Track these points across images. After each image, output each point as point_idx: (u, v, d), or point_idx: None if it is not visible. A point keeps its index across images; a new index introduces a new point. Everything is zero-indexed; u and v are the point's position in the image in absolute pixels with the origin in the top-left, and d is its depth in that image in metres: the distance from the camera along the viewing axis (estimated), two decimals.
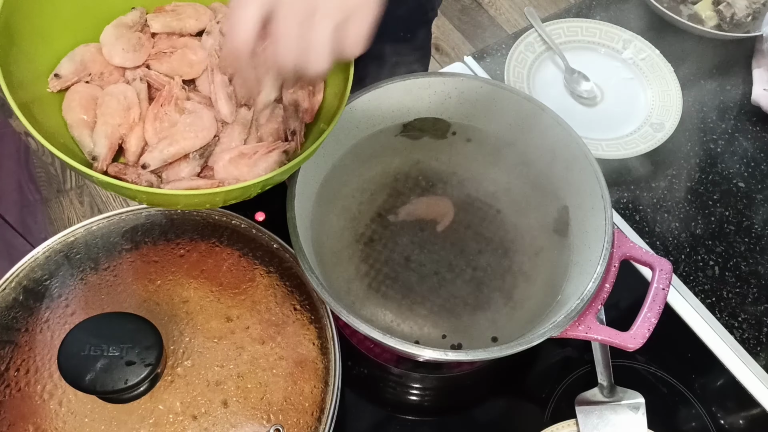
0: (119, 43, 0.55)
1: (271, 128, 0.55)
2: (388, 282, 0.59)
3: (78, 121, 0.52)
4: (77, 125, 0.52)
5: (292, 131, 0.54)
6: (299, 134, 0.54)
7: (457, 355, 0.49)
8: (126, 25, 0.56)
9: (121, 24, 0.55)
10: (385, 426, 0.61)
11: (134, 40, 0.55)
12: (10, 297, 0.52)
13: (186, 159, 0.53)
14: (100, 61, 0.55)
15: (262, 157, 0.52)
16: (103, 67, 0.55)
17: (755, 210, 0.77)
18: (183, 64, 0.56)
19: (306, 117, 0.55)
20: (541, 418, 0.61)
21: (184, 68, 0.56)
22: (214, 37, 0.57)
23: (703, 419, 0.62)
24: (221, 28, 0.57)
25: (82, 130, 0.52)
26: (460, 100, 0.64)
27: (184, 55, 0.56)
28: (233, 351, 0.50)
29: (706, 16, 0.91)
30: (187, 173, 0.52)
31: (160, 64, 0.56)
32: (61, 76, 0.52)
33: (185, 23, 0.57)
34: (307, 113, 0.55)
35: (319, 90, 0.56)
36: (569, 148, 0.60)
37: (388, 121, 0.65)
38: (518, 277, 0.60)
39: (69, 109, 0.52)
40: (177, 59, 0.56)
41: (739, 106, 0.86)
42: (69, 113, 0.52)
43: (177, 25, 0.57)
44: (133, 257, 0.54)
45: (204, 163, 0.53)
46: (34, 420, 0.46)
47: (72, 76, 0.53)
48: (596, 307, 0.54)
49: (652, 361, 0.65)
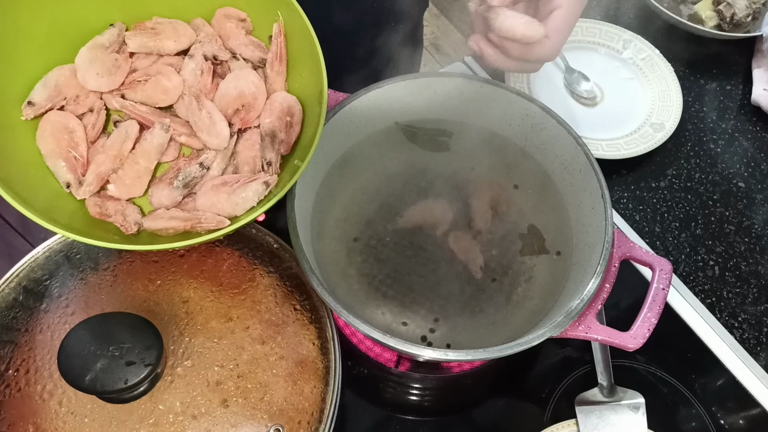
0: (93, 67, 0.53)
1: (248, 156, 0.54)
2: (388, 282, 0.59)
3: (51, 152, 0.50)
4: (51, 155, 0.50)
5: (267, 162, 0.53)
6: (275, 165, 0.53)
7: (457, 355, 0.49)
8: (102, 46, 0.54)
9: (97, 45, 0.53)
10: (385, 426, 0.61)
11: (110, 63, 0.53)
12: (10, 297, 0.52)
13: (170, 185, 0.51)
14: (75, 84, 0.53)
15: (242, 186, 0.51)
16: (78, 90, 0.53)
17: (755, 210, 0.77)
18: (157, 92, 0.54)
19: (282, 149, 0.54)
20: (541, 418, 0.61)
21: (158, 95, 0.54)
22: (196, 61, 0.55)
23: (703, 419, 0.62)
24: (204, 51, 0.56)
25: (56, 160, 0.50)
26: (460, 100, 0.64)
27: (158, 82, 0.54)
28: (233, 351, 0.50)
29: (706, 16, 0.91)
30: (169, 201, 0.51)
31: (135, 92, 0.54)
32: (35, 103, 0.51)
33: (163, 44, 0.55)
34: (283, 145, 0.54)
35: (297, 122, 0.55)
36: (569, 148, 0.60)
37: (387, 120, 0.65)
38: (518, 277, 0.60)
39: (42, 138, 0.51)
40: (151, 87, 0.54)
41: (739, 106, 0.86)
42: (42, 143, 0.51)
43: (154, 46, 0.55)
44: (133, 257, 0.54)
45: (188, 192, 0.52)
46: (34, 420, 0.46)
47: (46, 103, 0.51)
48: (596, 307, 0.54)
49: (652, 361, 0.65)
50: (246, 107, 0.55)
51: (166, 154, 0.54)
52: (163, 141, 0.53)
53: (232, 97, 0.55)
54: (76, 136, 0.52)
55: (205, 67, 0.55)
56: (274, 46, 0.56)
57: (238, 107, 0.55)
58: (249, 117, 0.55)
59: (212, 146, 0.54)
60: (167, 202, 0.51)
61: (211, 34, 0.57)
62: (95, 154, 0.52)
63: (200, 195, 0.52)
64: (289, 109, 0.55)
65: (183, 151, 0.55)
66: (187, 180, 0.52)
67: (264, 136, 0.54)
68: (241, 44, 0.57)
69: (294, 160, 0.53)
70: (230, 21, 0.57)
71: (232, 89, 0.55)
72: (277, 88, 0.56)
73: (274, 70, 0.56)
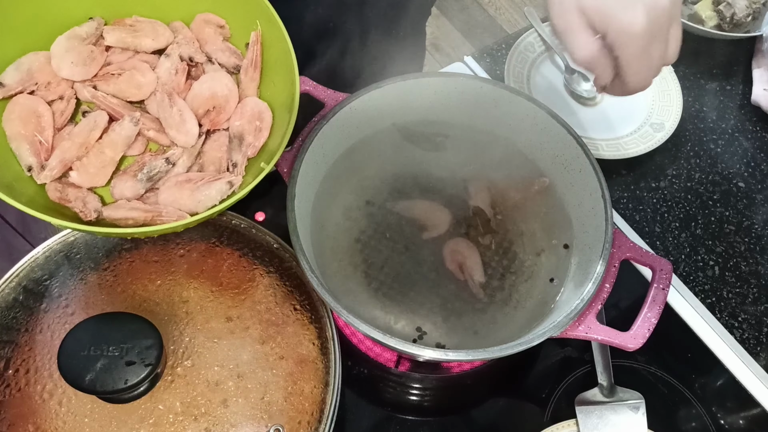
0: (69, 56, 0.53)
1: (214, 157, 0.55)
2: (388, 282, 0.59)
3: (16, 134, 0.50)
4: (15, 138, 0.50)
5: (233, 163, 0.54)
6: (240, 167, 0.54)
7: (457, 355, 0.49)
8: (79, 36, 0.54)
9: (74, 36, 0.54)
10: (385, 426, 0.61)
11: (85, 54, 0.54)
12: (10, 297, 0.52)
13: (134, 177, 0.52)
14: (48, 71, 0.53)
15: (206, 184, 0.51)
16: (51, 77, 0.53)
17: (755, 210, 0.77)
18: (130, 86, 0.55)
19: (249, 152, 0.55)
20: (541, 418, 0.61)
21: (131, 90, 0.55)
22: (172, 61, 0.56)
23: (703, 419, 0.62)
24: (180, 52, 0.56)
25: (21, 143, 0.50)
26: (460, 100, 0.64)
27: (131, 77, 0.55)
28: (233, 351, 0.50)
29: (706, 16, 0.91)
30: (131, 193, 0.51)
31: (107, 85, 0.55)
32: (5, 84, 0.51)
33: (141, 41, 0.56)
34: (251, 148, 0.55)
35: (267, 127, 0.56)
36: (569, 148, 0.60)
37: (387, 121, 0.65)
38: (518, 277, 0.60)
39: (8, 120, 0.51)
40: (124, 80, 0.55)
41: (739, 106, 0.86)
42: (8, 125, 0.51)
43: (132, 42, 0.56)
44: (133, 257, 0.54)
45: (151, 186, 0.52)
46: (34, 420, 0.46)
47: (17, 86, 0.51)
48: (596, 307, 0.54)
49: (652, 361, 0.65)
50: (217, 109, 0.56)
51: (133, 148, 0.54)
52: (131, 133, 0.53)
53: (205, 98, 0.56)
54: (43, 120, 0.52)
55: (180, 67, 0.56)
56: (250, 53, 0.57)
57: (210, 108, 0.56)
58: (219, 119, 0.56)
59: (180, 143, 0.54)
60: (129, 194, 0.52)
61: (189, 36, 0.58)
62: (60, 141, 0.52)
63: (163, 190, 0.52)
64: (259, 114, 0.56)
65: (150, 147, 0.56)
66: (152, 174, 0.52)
67: (232, 137, 0.55)
68: (218, 49, 0.58)
69: (260, 162, 0.54)
70: (209, 26, 0.58)
71: (205, 90, 0.56)
72: (249, 93, 0.57)
73: (248, 76, 0.57)
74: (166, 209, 0.50)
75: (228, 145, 0.56)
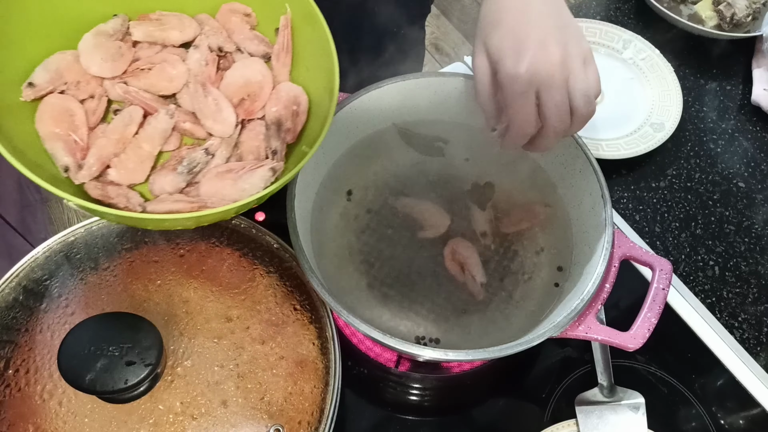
0: (98, 53, 0.52)
1: (251, 146, 0.54)
2: (388, 282, 0.59)
3: (50, 135, 0.50)
4: (49, 138, 0.50)
5: (273, 150, 0.53)
6: (280, 154, 0.53)
7: (457, 355, 0.49)
8: (106, 33, 0.53)
9: (101, 32, 0.53)
10: (385, 426, 0.61)
11: (113, 50, 0.53)
12: (10, 297, 0.52)
13: (173, 171, 0.51)
14: (76, 69, 0.53)
15: (248, 172, 0.51)
16: (80, 76, 0.53)
17: (755, 210, 0.77)
18: (162, 79, 0.54)
19: (288, 137, 0.54)
20: (541, 418, 0.61)
21: (162, 83, 0.54)
22: (201, 52, 0.55)
23: (703, 419, 0.62)
24: (209, 42, 0.56)
25: (55, 143, 0.49)
26: (460, 100, 0.64)
27: (162, 70, 0.54)
28: (233, 351, 0.50)
29: (706, 16, 0.91)
30: (172, 187, 0.51)
31: (138, 80, 0.54)
32: (36, 85, 0.50)
33: (168, 34, 0.55)
34: (289, 133, 0.54)
35: (303, 111, 0.55)
36: (569, 148, 0.60)
37: (387, 121, 0.65)
38: (518, 277, 0.60)
39: (41, 121, 0.50)
40: (155, 74, 0.54)
41: (739, 106, 0.86)
42: (41, 125, 0.50)
43: (160, 35, 0.55)
44: (133, 257, 0.54)
45: (192, 179, 0.52)
46: (34, 420, 0.46)
47: (47, 85, 0.50)
48: (596, 307, 0.54)
49: (652, 361, 0.65)
50: (251, 97, 0.55)
51: (168, 144, 0.53)
52: (168, 126, 0.52)
53: (238, 86, 0.55)
54: (76, 119, 0.51)
55: (210, 58, 0.55)
56: (281, 38, 0.56)
57: (244, 97, 0.55)
58: (254, 107, 0.55)
59: (217, 133, 0.53)
60: (170, 188, 0.51)
61: (216, 27, 0.57)
62: (95, 139, 0.51)
63: (204, 182, 0.51)
64: (295, 98, 0.55)
65: (185, 141, 0.55)
66: (192, 166, 0.51)
67: (270, 124, 0.54)
68: (246, 39, 0.57)
69: (301, 146, 0.53)
70: (235, 15, 0.57)
71: (238, 78, 0.55)
72: (281, 79, 0.56)
73: (280, 62, 0.56)
74: (210, 199, 0.50)
75: (265, 132, 0.54)
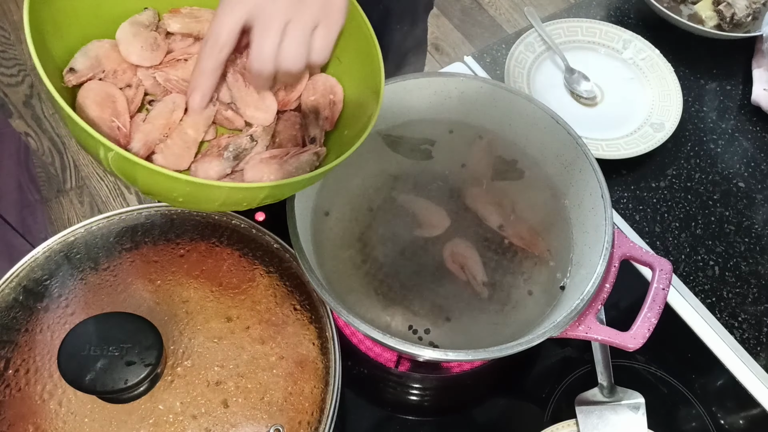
0: (137, 41, 0.53)
1: (289, 135, 0.55)
2: (388, 282, 0.59)
3: (94, 119, 0.49)
4: (92, 124, 0.48)
5: (311, 138, 0.54)
6: (319, 141, 0.54)
7: (457, 355, 0.49)
8: (142, 23, 0.54)
9: (137, 22, 0.54)
10: (385, 426, 0.61)
11: (151, 39, 0.54)
12: (10, 297, 0.52)
13: (219, 157, 0.51)
14: (114, 58, 0.53)
15: (293, 157, 0.51)
16: (117, 65, 0.53)
17: (755, 210, 0.77)
18: None
19: (326, 125, 0.55)
20: (541, 418, 0.61)
21: None
22: None
23: (703, 419, 0.62)
24: None
25: (98, 128, 0.49)
26: (460, 100, 0.64)
27: None
28: (233, 351, 0.50)
29: (706, 16, 0.91)
30: (217, 173, 0.51)
31: (175, 70, 0.54)
32: (77, 70, 0.50)
33: (203, 26, 0.56)
34: (327, 121, 0.55)
35: (339, 100, 0.56)
36: (569, 148, 0.60)
37: (387, 120, 0.65)
38: (518, 277, 0.60)
39: (84, 106, 0.50)
40: (192, 65, 0.54)
41: (739, 106, 0.86)
42: (84, 110, 0.50)
43: (195, 27, 0.56)
44: (133, 257, 0.54)
45: (236, 164, 0.52)
46: (34, 420, 0.46)
47: (87, 72, 0.50)
48: (596, 307, 0.54)
49: (652, 361, 0.65)
50: (288, 87, 0.55)
51: (207, 133, 0.54)
52: (211, 113, 0.53)
53: None
54: (118, 105, 0.51)
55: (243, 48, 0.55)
56: None
57: (279, 87, 0.55)
58: (290, 98, 0.55)
59: (258, 121, 0.54)
60: (215, 174, 0.51)
61: None
62: (136, 126, 0.51)
63: (248, 168, 0.51)
64: (331, 88, 0.56)
65: (220, 132, 0.55)
66: (238, 151, 0.51)
67: (308, 113, 0.55)
68: None
69: (343, 131, 0.54)
70: None
71: None
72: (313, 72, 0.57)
73: None
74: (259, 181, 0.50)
75: (303, 120, 0.55)
